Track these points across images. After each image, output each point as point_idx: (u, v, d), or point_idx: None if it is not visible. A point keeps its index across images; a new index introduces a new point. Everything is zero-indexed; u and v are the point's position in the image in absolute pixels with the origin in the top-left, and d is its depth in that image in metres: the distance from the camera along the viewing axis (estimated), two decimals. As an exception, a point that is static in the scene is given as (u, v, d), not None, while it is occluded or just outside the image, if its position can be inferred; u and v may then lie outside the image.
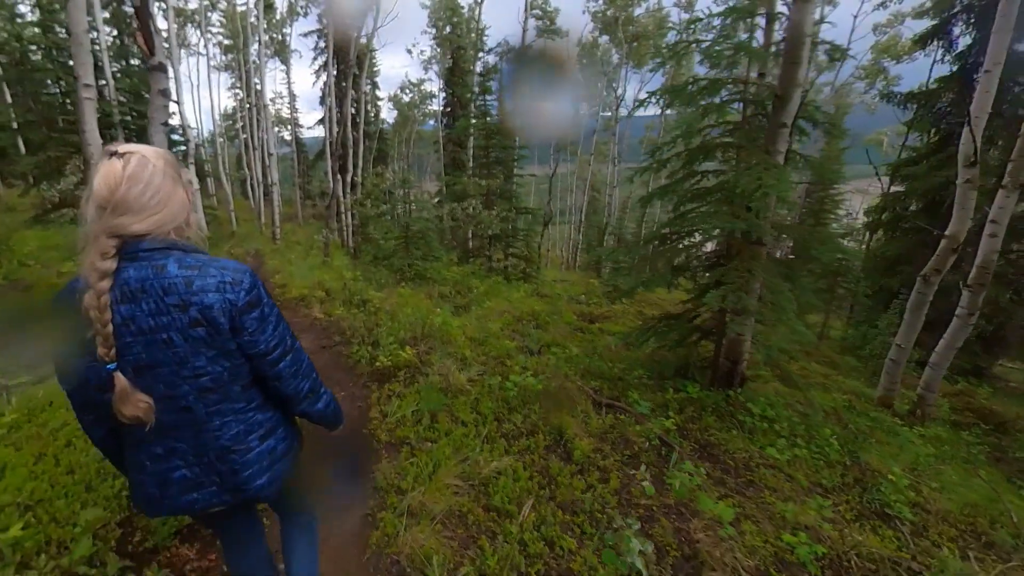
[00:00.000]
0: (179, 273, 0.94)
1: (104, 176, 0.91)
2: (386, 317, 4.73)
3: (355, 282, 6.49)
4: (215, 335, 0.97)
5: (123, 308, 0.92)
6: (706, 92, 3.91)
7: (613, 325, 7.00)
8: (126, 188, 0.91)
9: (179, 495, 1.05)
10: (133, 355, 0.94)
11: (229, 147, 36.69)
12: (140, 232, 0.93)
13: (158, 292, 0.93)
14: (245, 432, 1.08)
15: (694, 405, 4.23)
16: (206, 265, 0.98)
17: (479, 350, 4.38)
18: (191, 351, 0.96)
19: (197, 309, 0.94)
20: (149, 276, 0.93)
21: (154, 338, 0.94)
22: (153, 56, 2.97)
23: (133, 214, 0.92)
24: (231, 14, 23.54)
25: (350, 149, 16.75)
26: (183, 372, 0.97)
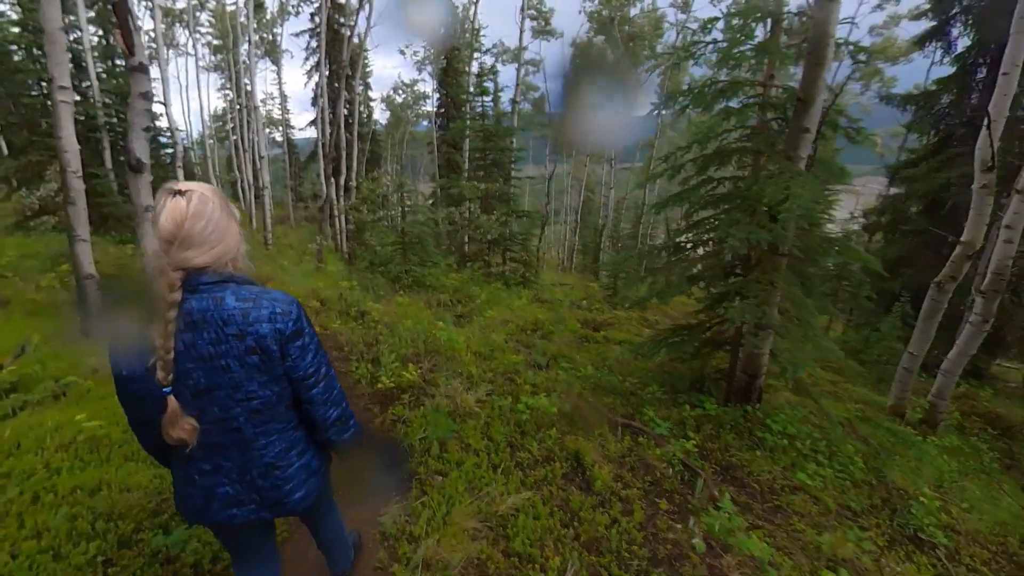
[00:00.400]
0: (237, 305, 1.03)
1: (170, 213, 0.97)
2: (385, 331, 4.49)
3: (351, 291, 6.24)
4: (268, 361, 1.06)
5: (185, 336, 0.99)
6: (724, 94, 3.72)
7: (618, 333, 6.81)
8: (191, 224, 0.98)
9: (220, 510, 1.13)
10: (193, 380, 1.01)
11: (219, 149, 36.20)
12: (202, 265, 1.00)
13: (218, 323, 1.01)
14: (286, 449, 1.16)
15: (712, 422, 4.05)
16: (259, 297, 1.06)
17: (485, 366, 4.16)
18: (246, 376, 1.05)
19: (253, 338, 1.03)
20: (210, 307, 1.01)
21: (213, 364, 1.02)
22: (133, 56, 2.72)
23: (196, 248, 0.99)
24: (220, 14, 23.12)
25: (343, 151, 16.46)
26: (237, 396, 1.05)
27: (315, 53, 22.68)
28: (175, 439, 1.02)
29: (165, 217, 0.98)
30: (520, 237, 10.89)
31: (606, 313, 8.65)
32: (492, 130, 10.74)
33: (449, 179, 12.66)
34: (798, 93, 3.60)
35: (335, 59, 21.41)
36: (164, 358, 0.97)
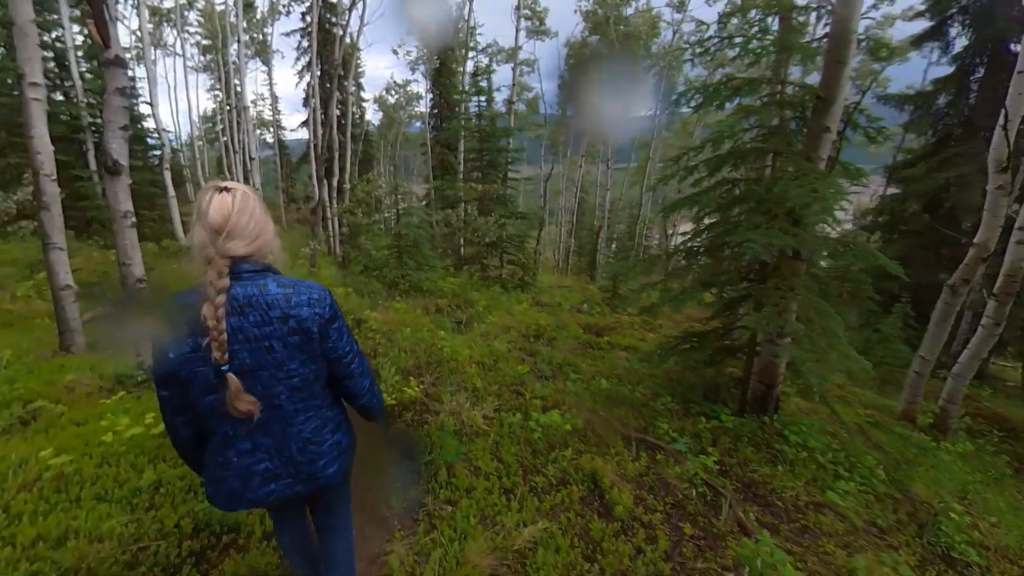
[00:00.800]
0: (279, 291, 1.12)
1: (218, 207, 1.07)
2: (384, 341, 4.26)
3: (347, 298, 5.99)
4: (307, 342, 1.14)
5: (233, 320, 1.06)
6: (739, 92, 3.55)
7: (621, 338, 6.63)
8: (236, 217, 1.07)
9: (260, 487, 1.17)
10: (240, 360, 1.07)
11: (209, 150, 35.74)
12: (246, 254, 1.09)
13: (263, 307, 1.09)
14: (321, 426, 1.23)
15: (728, 435, 3.87)
16: (297, 285, 1.17)
17: (490, 377, 3.95)
18: (288, 356, 1.12)
19: (295, 320, 1.11)
20: (254, 293, 1.09)
21: (258, 345, 1.09)
22: (109, 48, 2.48)
23: (242, 239, 1.08)
24: (209, 13, 22.72)
25: (336, 152, 16.16)
26: (279, 374, 1.13)
27: (306, 53, 22.35)
28: (243, 412, 1.08)
29: (214, 210, 1.06)
30: (518, 239, 10.68)
31: (608, 317, 8.48)
32: (488, 130, 10.52)
33: (445, 180, 12.43)
34: (818, 91, 3.44)
35: (327, 59, 21.10)
36: (219, 339, 1.03)
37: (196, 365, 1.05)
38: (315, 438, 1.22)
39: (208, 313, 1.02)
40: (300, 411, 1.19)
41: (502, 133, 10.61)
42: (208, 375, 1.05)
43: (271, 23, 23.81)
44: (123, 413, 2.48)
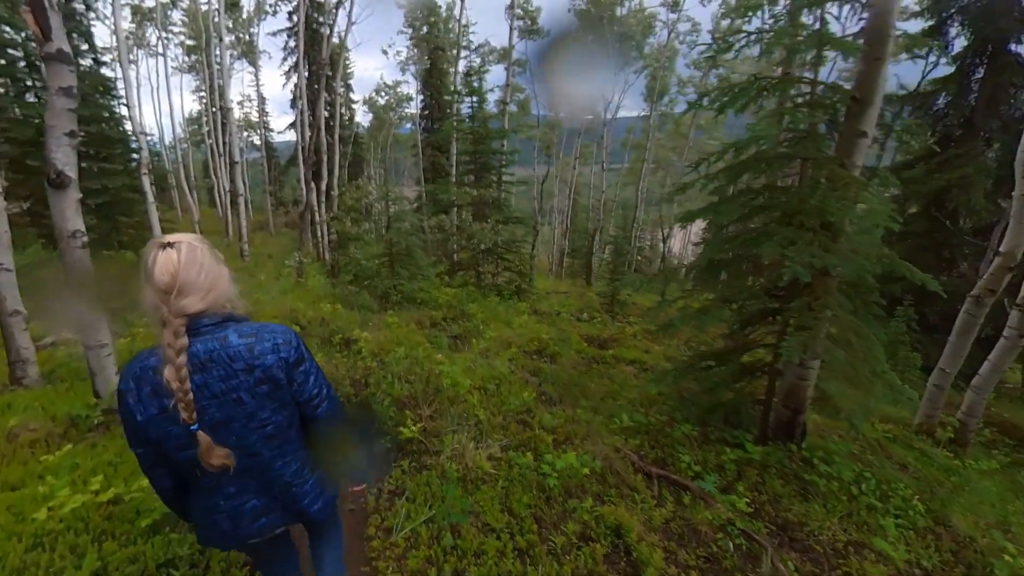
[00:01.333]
0: (241, 342, 1.09)
1: (163, 265, 1.02)
2: (376, 366, 3.89)
3: (335, 314, 5.60)
4: (276, 389, 1.12)
5: (196, 377, 1.04)
6: (766, 92, 3.24)
7: (626, 351, 6.32)
8: (185, 273, 1.03)
9: (251, 523, 1.19)
10: (209, 415, 1.06)
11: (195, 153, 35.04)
12: (200, 309, 1.06)
13: (225, 360, 1.07)
14: (300, 468, 1.23)
15: (753, 466, 3.56)
16: (260, 331, 1.12)
17: (493, 405, 3.60)
18: (258, 406, 1.11)
19: (261, 370, 1.09)
20: (216, 348, 1.07)
21: (226, 399, 1.08)
22: (49, 41, 2.10)
23: (194, 294, 1.04)
24: (193, 12, 22.12)
25: (324, 155, 15.71)
26: (251, 424, 1.11)
27: (293, 53, 21.83)
28: (216, 467, 1.06)
29: (159, 270, 1.01)
30: (514, 245, 10.33)
31: (609, 327, 8.17)
32: (482, 132, 10.15)
33: (438, 184, 12.04)
34: (853, 92, 3.14)
35: (314, 59, 20.60)
36: (184, 399, 1.01)
37: (165, 425, 1.04)
38: (296, 480, 1.22)
39: (170, 376, 1.00)
40: (277, 457, 1.18)
41: (496, 135, 10.25)
42: (178, 433, 1.04)
43: (257, 23, 23.27)
44: (69, 471, 2.10)
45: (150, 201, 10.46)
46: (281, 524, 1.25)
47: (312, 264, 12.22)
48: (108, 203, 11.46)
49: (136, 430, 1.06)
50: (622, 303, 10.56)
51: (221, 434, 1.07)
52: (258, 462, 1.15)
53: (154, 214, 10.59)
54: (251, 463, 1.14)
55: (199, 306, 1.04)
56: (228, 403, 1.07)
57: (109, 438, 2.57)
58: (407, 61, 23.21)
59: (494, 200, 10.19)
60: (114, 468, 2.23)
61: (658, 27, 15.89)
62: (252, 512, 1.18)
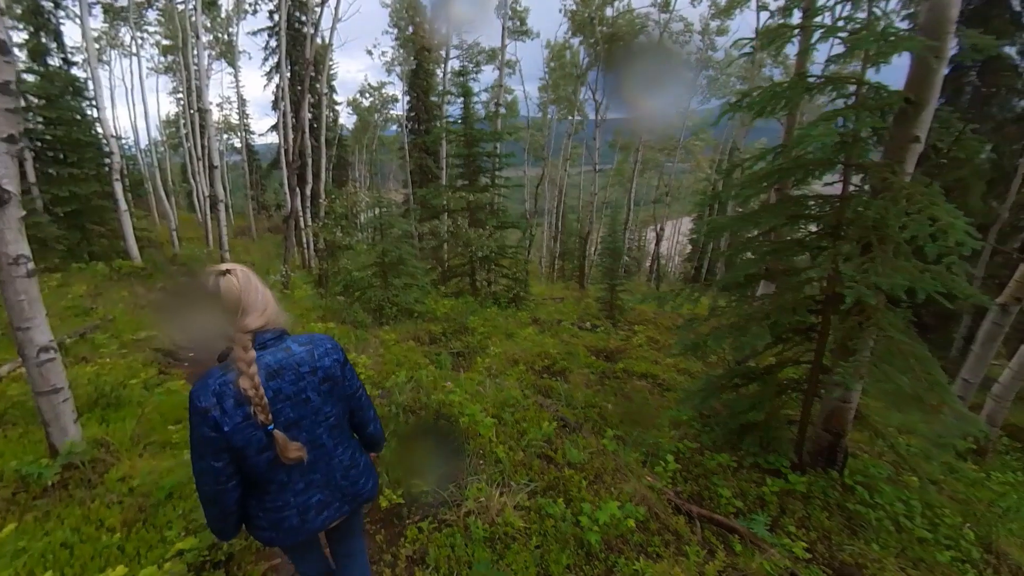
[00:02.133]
0: (302, 349, 1.28)
1: (227, 290, 1.18)
2: (377, 396, 3.49)
3: (327, 334, 5.17)
4: (335, 386, 1.31)
5: (271, 384, 1.20)
6: (811, 92, 2.95)
7: (636, 363, 6.01)
8: (245, 295, 1.19)
9: (316, 516, 1.33)
10: (284, 416, 1.22)
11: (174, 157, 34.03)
12: (261, 325, 1.21)
13: (294, 366, 1.24)
14: (353, 452, 1.42)
15: (796, 497, 3.27)
16: (312, 339, 1.32)
17: (511, 438, 3.25)
18: (322, 402, 1.29)
19: (322, 371, 1.28)
20: (283, 357, 1.24)
21: (298, 399, 1.24)
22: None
23: (254, 312, 1.20)
24: (170, 12, 21.32)
25: (308, 158, 15.17)
26: (318, 419, 1.29)
27: (275, 53, 21.20)
28: (292, 460, 1.20)
29: (225, 294, 1.17)
30: (510, 251, 9.98)
31: (613, 336, 7.86)
32: (476, 135, 9.79)
33: (429, 188, 11.63)
34: (906, 93, 2.87)
35: (297, 60, 20.01)
36: (261, 403, 1.14)
37: (249, 431, 1.15)
38: (352, 463, 1.39)
39: (245, 384, 1.12)
40: (338, 445, 1.35)
41: (490, 137, 9.90)
42: (259, 436, 1.17)
43: (236, 22, 22.54)
44: (11, 560, 1.68)
45: (123, 208, 9.86)
46: (338, 515, 1.38)
47: (298, 273, 11.69)
48: (77, 211, 10.78)
49: (222, 441, 1.14)
50: (621, 308, 10.28)
51: (293, 432, 1.22)
52: (323, 453, 1.31)
53: (127, 222, 9.99)
54: (318, 454, 1.30)
55: (259, 322, 1.19)
56: (299, 403, 1.23)
57: (66, 505, 2.14)
58: (392, 62, 22.70)
59: (489, 204, 9.83)
60: (70, 552, 1.81)
61: (651, 27, 15.72)
62: (318, 505, 1.33)
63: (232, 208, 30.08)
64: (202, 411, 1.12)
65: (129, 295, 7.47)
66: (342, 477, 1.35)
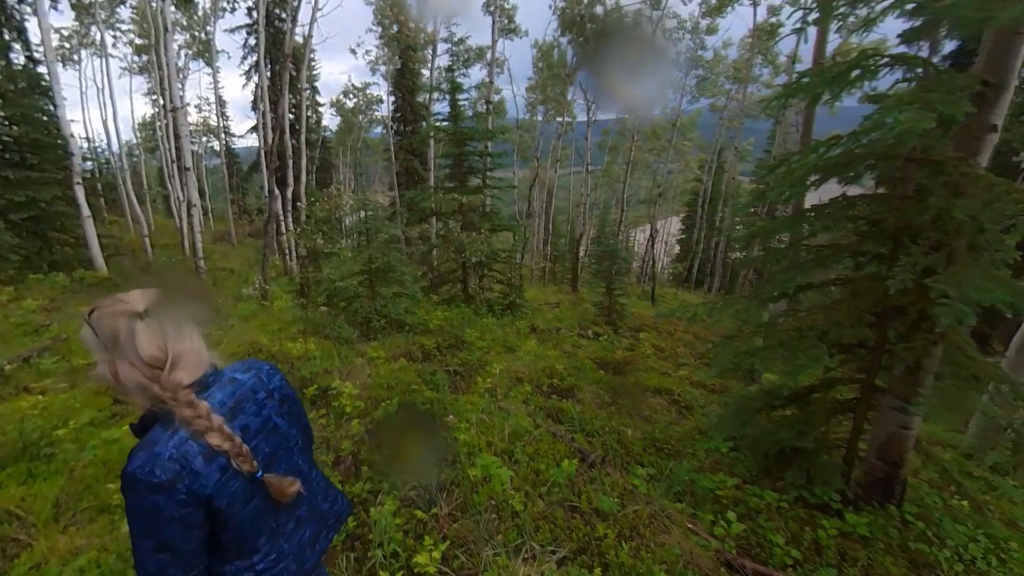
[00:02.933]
0: (248, 376, 1.09)
1: (149, 340, 0.91)
2: (367, 439, 2.97)
3: (308, 353, 4.61)
4: (293, 404, 1.16)
5: (236, 423, 1.00)
6: (868, 76, 2.54)
7: (647, 376, 5.58)
8: (175, 344, 0.96)
9: (311, 553, 1.17)
10: (261, 454, 1.03)
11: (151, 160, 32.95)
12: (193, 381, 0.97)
13: (250, 395, 1.06)
14: (320, 471, 1.26)
15: (854, 539, 2.84)
16: (247, 365, 1.13)
17: (525, 477, 2.76)
18: (288, 425, 1.13)
19: (277, 392, 1.13)
20: (234, 390, 1.04)
21: (266, 429, 1.06)
22: None
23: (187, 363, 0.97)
24: (143, 9, 20.45)
25: (289, 159, 14.51)
26: (290, 445, 1.13)
27: (254, 52, 20.44)
28: (292, 495, 1.05)
29: (145, 344, 0.90)
30: (504, 255, 9.49)
31: (617, 344, 7.43)
32: (467, 133, 9.28)
33: (418, 190, 11.09)
34: (984, 75, 2.48)
35: (277, 58, 19.30)
36: (241, 452, 0.96)
37: (231, 486, 0.95)
38: (326, 483, 1.27)
39: (217, 441, 0.92)
40: (311, 467, 1.22)
41: (481, 135, 9.40)
42: (242, 487, 0.97)
43: (214, 20, 21.73)
44: None
45: (85, 215, 9.14)
46: (327, 544, 1.24)
47: (279, 281, 11.05)
48: (37, 217, 9.98)
49: (197, 514, 0.91)
50: (620, 313, 9.87)
51: (273, 467, 1.06)
52: (304, 480, 1.14)
53: (91, 229, 9.27)
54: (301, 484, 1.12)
55: (197, 374, 0.98)
56: (269, 433, 1.07)
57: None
58: (377, 61, 22.09)
59: (481, 207, 9.33)
60: None
61: (643, 23, 15.42)
62: (311, 542, 1.18)
63: (212, 213, 29.11)
64: (166, 487, 0.87)
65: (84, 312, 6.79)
66: (323, 500, 1.24)
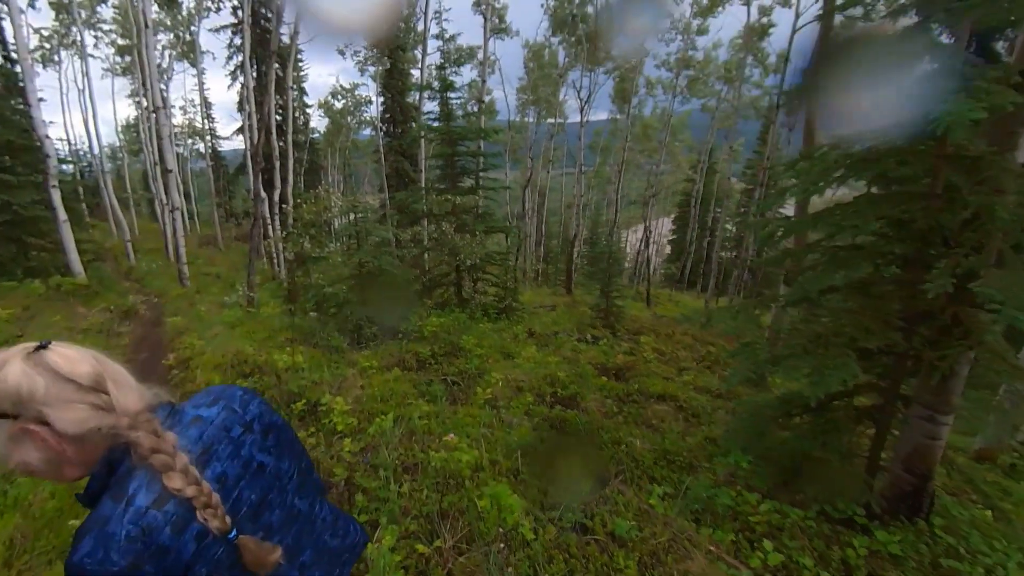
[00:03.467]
0: (216, 410, 0.86)
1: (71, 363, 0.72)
2: (361, 464, 2.72)
3: (296, 365, 4.34)
4: (280, 432, 0.94)
5: (208, 473, 0.79)
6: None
7: (650, 382, 5.39)
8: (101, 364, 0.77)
9: None
10: (246, 504, 0.84)
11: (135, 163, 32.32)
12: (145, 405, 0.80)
13: (222, 434, 0.84)
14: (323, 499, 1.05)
15: (883, 558, 2.67)
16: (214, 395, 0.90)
17: (533, 499, 2.55)
18: (277, 460, 0.92)
19: (258, 422, 0.90)
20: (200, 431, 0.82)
21: (249, 473, 0.86)
22: None
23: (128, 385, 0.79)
24: (125, 8, 19.97)
25: (276, 161, 14.17)
26: (283, 484, 0.93)
27: (239, 52, 20.05)
28: (272, 566, 0.84)
29: (69, 367, 0.72)
30: (498, 257, 9.28)
31: (617, 349, 7.25)
32: (460, 132, 9.07)
33: (409, 192, 10.84)
34: (1020, 65, 2.33)
35: (263, 58, 18.92)
36: (210, 502, 0.75)
37: (210, 552, 0.75)
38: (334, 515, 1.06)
39: (178, 484, 0.72)
40: (313, 503, 0.99)
41: (473, 134, 9.19)
42: (222, 550, 0.76)
43: (198, 20, 21.32)
44: None
45: (62, 219, 8.77)
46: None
47: (267, 286, 10.73)
48: (11, 222, 9.58)
49: None
50: (618, 316, 9.71)
51: (265, 516, 0.87)
52: (304, 522, 0.96)
53: (68, 234, 8.90)
54: (300, 528, 0.95)
55: (142, 401, 0.78)
56: (254, 477, 0.86)
57: None
58: (366, 61, 21.79)
59: (475, 208, 9.12)
60: None
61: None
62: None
63: (199, 216, 28.56)
64: (127, 574, 0.69)
65: (64, 318, 6.47)
66: (332, 536, 1.05)
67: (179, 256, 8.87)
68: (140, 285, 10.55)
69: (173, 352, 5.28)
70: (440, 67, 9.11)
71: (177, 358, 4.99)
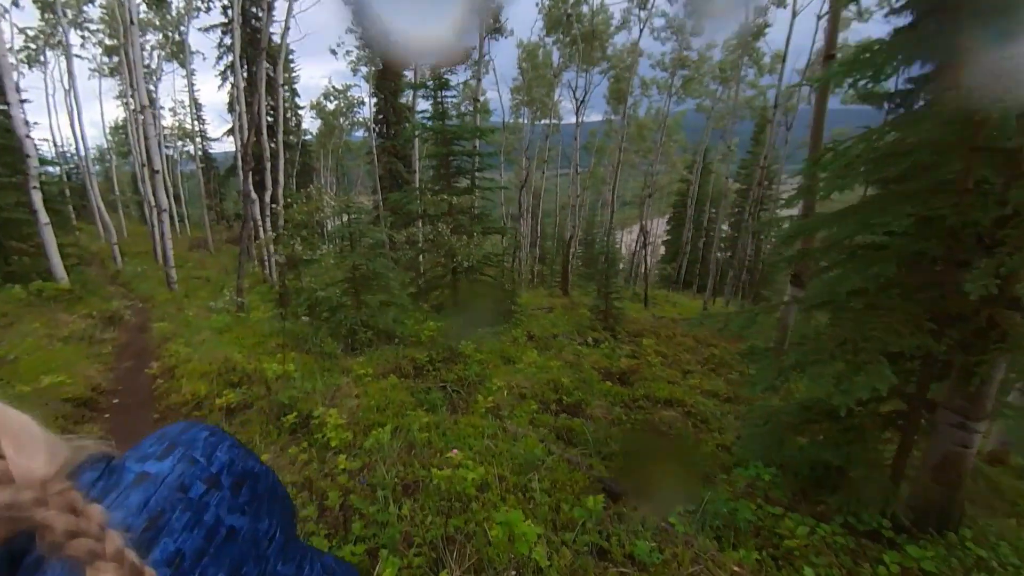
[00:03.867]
0: (165, 463, 0.59)
1: None
2: (358, 486, 2.53)
3: (287, 374, 4.13)
4: (255, 483, 0.67)
5: (158, 552, 0.53)
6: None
7: (656, 387, 5.24)
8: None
9: None
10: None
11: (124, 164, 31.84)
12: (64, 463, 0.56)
13: (175, 497, 0.58)
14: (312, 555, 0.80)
15: (914, 573, 2.52)
16: (165, 438, 0.62)
17: (544, 518, 2.36)
18: (252, 520, 0.65)
19: (228, 475, 0.63)
20: (146, 494, 0.56)
21: (216, 542, 0.58)
22: None
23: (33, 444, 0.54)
24: (112, 8, 19.60)
25: (268, 162, 13.90)
26: (260, 549, 0.65)
27: (229, 51, 19.75)
28: None
29: None
30: (496, 259, 9.10)
31: (619, 351, 7.09)
32: (455, 131, 8.88)
33: (404, 193, 10.64)
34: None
35: (254, 57, 18.64)
36: None
37: None
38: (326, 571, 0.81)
39: None
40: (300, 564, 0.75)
41: (469, 133, 9.01)
42: None
43: (188, 20, 21.00)
44: None
45: (43, 221, 8.47)
46: None
47: (257, 290, 10.47)
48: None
49: None
50: (618, 317, 9.56)
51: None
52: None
53: (50, 237, 8.60)
54: None
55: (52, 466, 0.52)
56: (222, 547, 0.59)
57: None
58: (358, 62, 21.57)
59: (471, 208, 8.93)
60: None
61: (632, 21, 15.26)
62: None
63: (189, 219, 28.12)
64: None
65: (44, 325, 6.19)
66: None
67: (167, 259, 8.61)
68: (126, 290, 10.24)
69: (158, 360, 5.04)
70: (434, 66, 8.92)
71: (162, 366, 4.75)
